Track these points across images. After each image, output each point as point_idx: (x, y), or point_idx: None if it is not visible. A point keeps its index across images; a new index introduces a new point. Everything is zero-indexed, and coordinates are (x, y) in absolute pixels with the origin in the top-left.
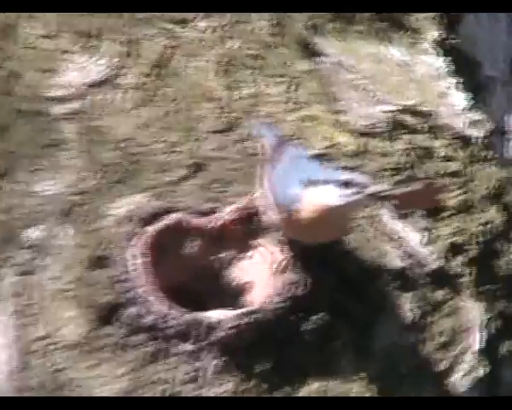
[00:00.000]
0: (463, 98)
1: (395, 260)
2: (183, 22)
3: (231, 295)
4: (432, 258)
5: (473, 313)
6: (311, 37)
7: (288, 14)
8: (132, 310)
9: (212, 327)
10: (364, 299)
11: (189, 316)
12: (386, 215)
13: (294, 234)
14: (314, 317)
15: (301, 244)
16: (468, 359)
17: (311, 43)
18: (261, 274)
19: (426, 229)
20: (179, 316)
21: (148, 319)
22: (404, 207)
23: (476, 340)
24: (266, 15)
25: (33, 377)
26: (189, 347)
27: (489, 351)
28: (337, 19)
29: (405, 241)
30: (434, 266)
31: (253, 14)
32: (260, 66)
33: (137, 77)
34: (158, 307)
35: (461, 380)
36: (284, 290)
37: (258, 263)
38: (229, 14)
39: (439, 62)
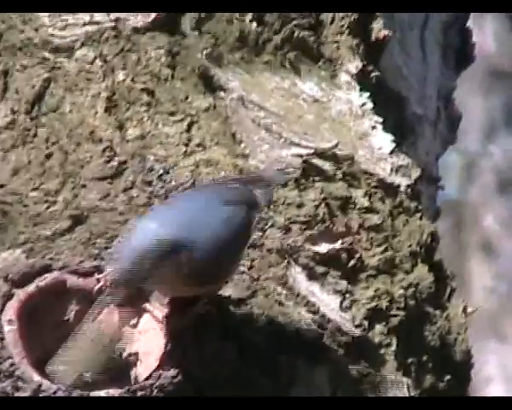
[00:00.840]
0: (386, 140)
1: (309, 327)
2: (66, 51)
3: (118, 369)
4: (350, 325)
5: (396, 388)
6: (210, 68)
7: (185, 41)
8: (0, 385)
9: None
10: (272, 372)
11: (73, 392)
12: (299, 274)
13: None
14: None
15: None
16: None
17: (210, 76)
18: (151, 344)
19: (344, 292)
20: (58, 392)
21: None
22: None
23: None
24: (161, 42)
25: None
26: None
27: None
28: (242, 48)
29: (321, 305)
30: (353, 334)
31: (145, 42)
32: (151, 102)
33: (7, 115)
34: (30, 381)
35: None
36: (173, 364)
37: (149, 331)
38: (119, 42)
39: (359, 98)
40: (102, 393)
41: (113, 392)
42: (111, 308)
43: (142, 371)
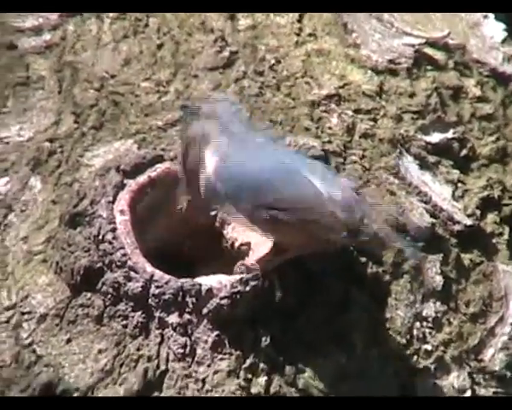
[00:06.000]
0: (498, 29)
1: (421, 217)
2: None
3: (228, 259)
4: (462, 215)
5: (509, 278)
6: None
7: None
8: (112, 276)
9: (208, 296)
10: (383, 262)
11: (184, 282)
12: (411, 164)
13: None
14: (326, 284)
15: None
16: (506, 331)
17: None
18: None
19: (456, 181)
20: (170, 282)
21: (132, 286)
22: None
23: None
24: None
25: (4, 352)
26: (176, 319)
27: None
28: None
29: (433, 194)
30: (465, 223)
31: None
32: None
33: None
34: (143, 271)
35: (496, 356)
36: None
37: None
38: None
39: None
40: (214, 282)
41: (225, 281)
42: None
43: (252, 262)
